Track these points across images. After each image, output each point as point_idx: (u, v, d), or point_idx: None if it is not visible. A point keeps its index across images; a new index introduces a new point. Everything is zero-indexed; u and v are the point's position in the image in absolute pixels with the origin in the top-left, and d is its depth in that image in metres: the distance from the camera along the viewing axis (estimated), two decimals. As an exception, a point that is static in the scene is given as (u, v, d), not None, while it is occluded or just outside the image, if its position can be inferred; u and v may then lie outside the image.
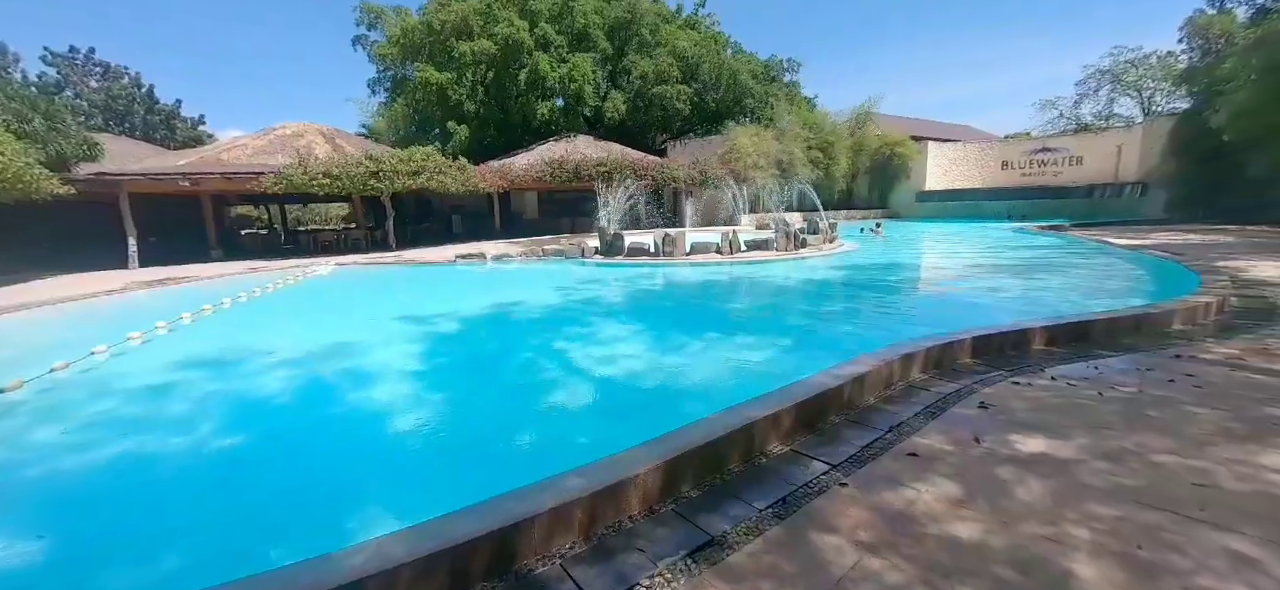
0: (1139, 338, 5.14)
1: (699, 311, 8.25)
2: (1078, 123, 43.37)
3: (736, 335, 6.27)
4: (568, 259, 14.01)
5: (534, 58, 29.96)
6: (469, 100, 32.23)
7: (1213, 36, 23.77)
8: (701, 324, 7.23)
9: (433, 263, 14.94)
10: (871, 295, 9.08)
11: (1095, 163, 27.96)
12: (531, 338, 6.79)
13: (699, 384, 4.85)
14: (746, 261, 12.40)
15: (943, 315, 7.32)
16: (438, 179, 19.56)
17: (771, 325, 6.99)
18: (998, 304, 7.64)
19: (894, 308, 7.95)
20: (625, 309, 8.43)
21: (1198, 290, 6.36)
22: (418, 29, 32.57)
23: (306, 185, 17.13)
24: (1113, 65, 41.40)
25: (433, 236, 25.05)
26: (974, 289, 9.05)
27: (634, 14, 33.84)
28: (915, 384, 4.07)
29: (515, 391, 4.99)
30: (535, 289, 10.94)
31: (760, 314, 7.80)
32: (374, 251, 19.15)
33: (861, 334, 6.50)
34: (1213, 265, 9.31)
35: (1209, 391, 3.68)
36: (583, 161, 23.53)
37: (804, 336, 6.41)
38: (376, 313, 8.87)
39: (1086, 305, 7.19)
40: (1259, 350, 4.61)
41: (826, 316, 7.41)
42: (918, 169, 31.73)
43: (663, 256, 12.75)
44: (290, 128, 24.71)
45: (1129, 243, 13.92)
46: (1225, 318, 5.85)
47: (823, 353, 5.65)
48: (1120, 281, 9.30)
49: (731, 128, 28.23)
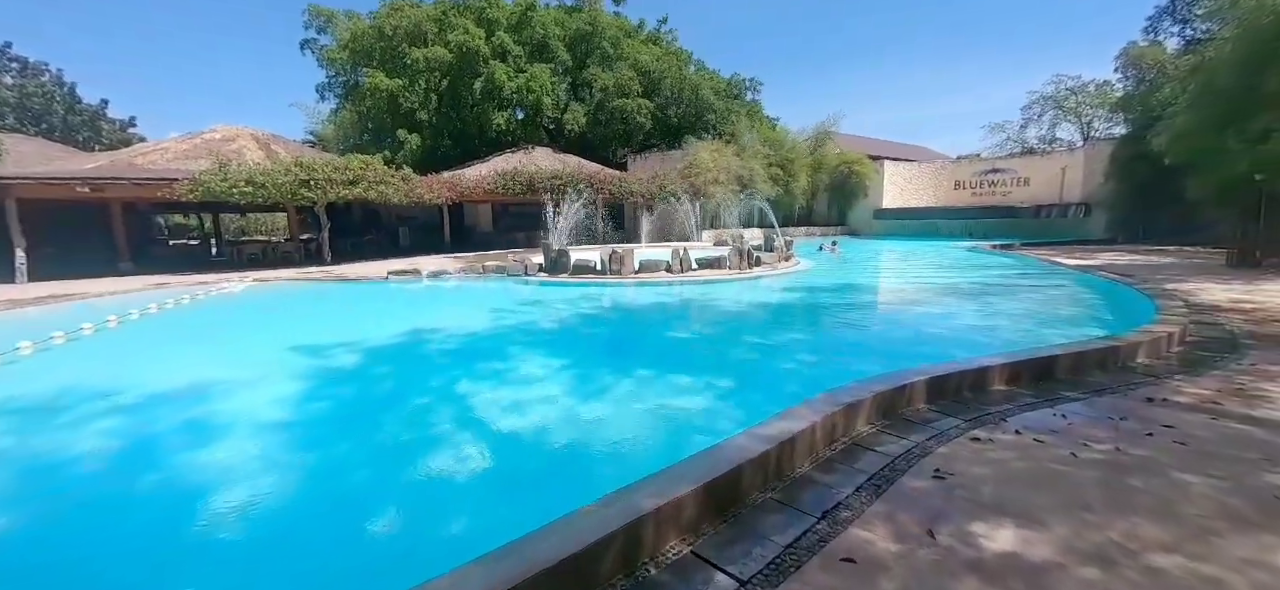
0: (1105, 375, 4.64)
1: (636, 343, 7.49)
2: (1023, 146, 45.31)
3: (672, 374, 5.52)
4: (509, 277, 13.08)
5: (490, 67, 29.03)
6: (422, 108, 30.99)
7: (1145, 66, 24.88)
8: (636, 359, 6.47)
9: (364, 279, 13.76)
10: (823, 321, 8.53)
11: (1041, 184, 28.83)
12: (435, 377, 5.87)
13: (616, 443, 4.06)
14: (697, 281, 11.76)
15: (896, 344, 6.79)
16: (377, 189, 18.33)
17: (712, 361, 6.27)
18: (953, 333, 7.16)
19: (845, 336, 7.38)
20: (555, 340, 7.59)
21: (1157, 319, 5.99)
22: (368, 33, 31.20)
23: (226, 193, 15.66)
24: (1055, 92, 43.56)
25: (377, 249, 23.61)
26: (929, 314, 8.60)
27: (595, 27, 33.38)
28: (860, 440, 3.38)
29: (385, 457, 4.08)
30: (464, 312, 9.99)
31: (701, 347, 7.05)
32: (308, 265, 17.72)
33: (808, 370, 5.86)
34: (1163, 288, 9.16)
35: (1195, 451, 3.12)
36: (537, 173, 22.66)
37: (746, 375, 5.71)
38: (265, 340, 7.79)
39: (1045, 335, 6.77)
40: (1233, 391, 4.14)
41: (773, 348, 6.74)
42: (875, 187, 32.12)
43: (609, 275, 11.98)
44: (221, 131, 23.01)
45: (1078, 263, 13.96)
46: (1187, 349, 5.45)
47: (762, 396, 4.97)
48: (1076, 307, 9.03)
49: (692, 142, 27.87)
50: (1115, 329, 7.20)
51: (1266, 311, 7.34)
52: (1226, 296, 8.52)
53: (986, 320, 7.92)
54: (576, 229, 23.25)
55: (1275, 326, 6.41)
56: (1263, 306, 7.68)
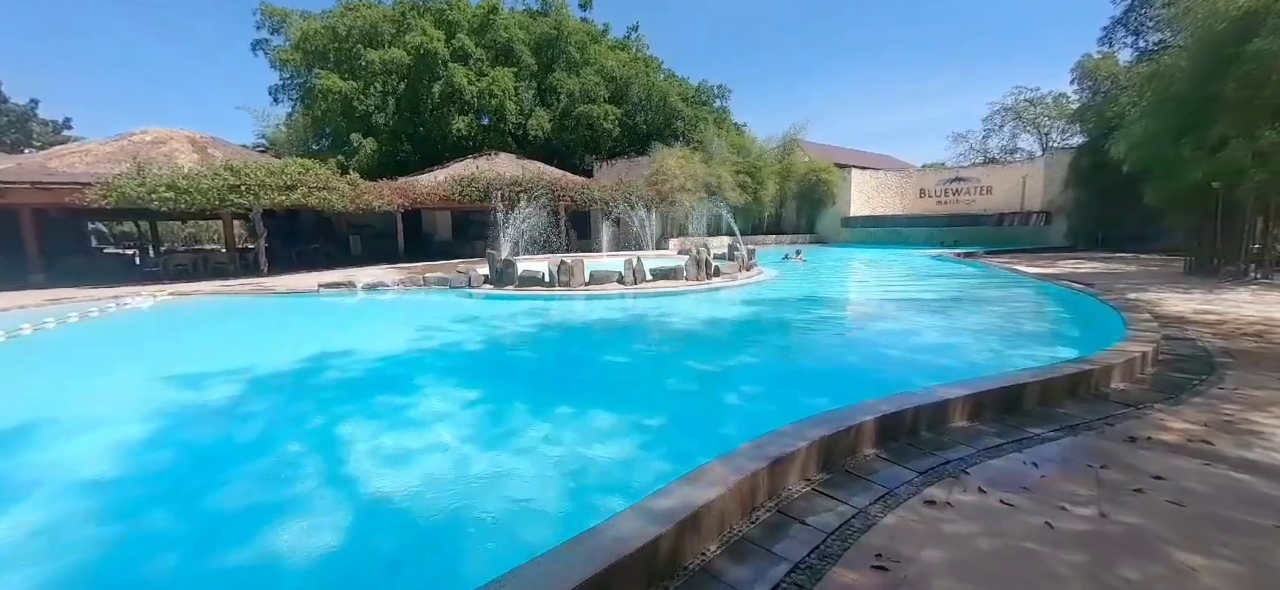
0: (1077, 403, 4.07)
1: (566, 369, 6.66)
2: (986, 155, 46.31)
3: (596, 410, 4.75)
4: (452, 288, 12.16)
5: (450, 70, 28.05)
6: (378, 112, 29.79)
7: (1100, 78, 25.41)
8: (560, 390, 5.67)
9: (293, 292, 12.65)
10: (777, 339, 7.87)
11: (1003, 192, 29.17)
12: (317, 415, 4.99)
13: (506, 510, 3.27)
14: (652, 293, 11.05)
15: (852, 368, 6.18)
16: (319, 195, 17.18)
17: (645, 393, 5.50)
18: (913, 353, 6.57)
19: (799, 359, 6.74)
20: (477, 365, 6.74)
21: (1127, 337, 5.51)
22: (321, 34, 29.87)
23: (145, 199, 14.35)
24: (1015, 103, 44.72)
25: (325, 259, 22.29)
26: (889, 331, 8.02)
27: (561, 31, 32.71)
28: (790, 505, 2.69)
29: (201, 529, 3.22)
30: (388, 330, 9.07)
31: (637, 375, 6.23)
32: (243, 276, 16.42)
33: (751, 404, 5.16)
34: (1126, 298, 8.84)
35: (1195, 515, 2.51)
36: (496, 180, 21.75)
37: (681, 412, 4.96)
38: (134, 369, 6.80)
39: (1010, 357, 6.23)
40: (1222, 425, 3.59)
41: (717, 376, 6.00)
42: (842, 195, 32.09)
43: (558, 287, 11.19)
44: (152, 133, 21.46)
45: (1040, 271, 13.76)
46: (1162, 370, 4.96)
47: (695, 440, 4.27)
48: (1041, 321, 8.59)
49: (658, 149, 27.31)
50: (1083, 345, 6.76)
51: (1232, 323, 7.00)
52: (1190, 307, 8.22)
53: (949, 337, 7.38)
54: (538, 237, 22.45)
55: (1246, 341, 6.02)
56: (1227, 317, 7.36)
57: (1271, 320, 7.09)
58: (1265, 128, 9.94)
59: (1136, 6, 19.82)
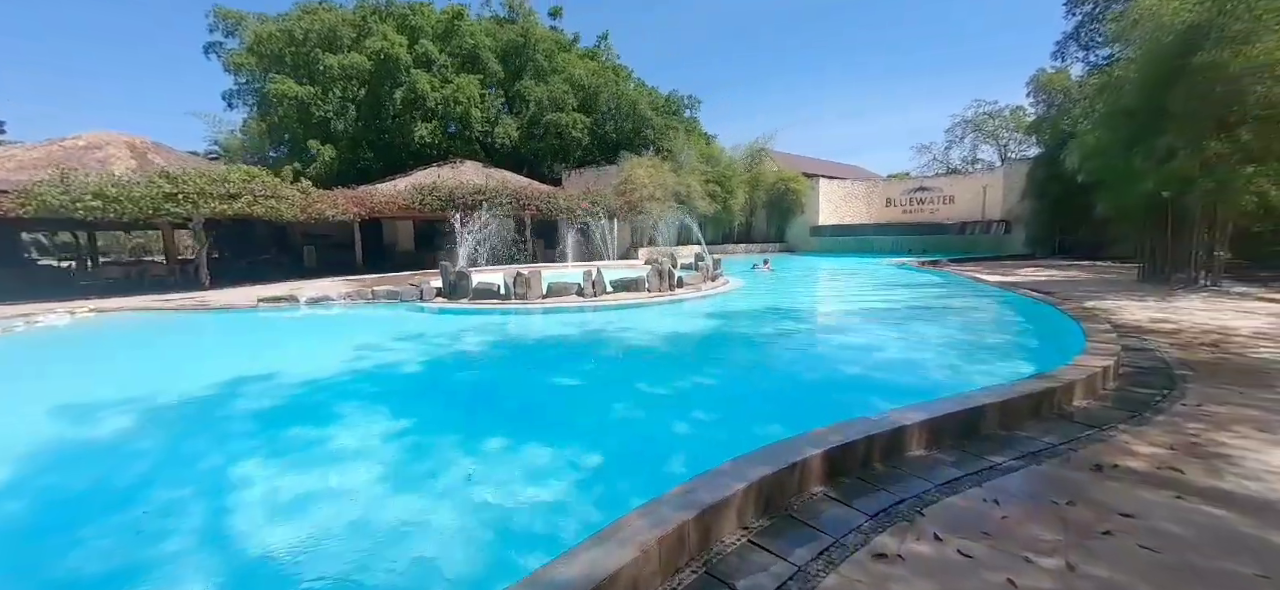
0: (1040, 425, 3.82)
1: (506, 394, 6.05)
2: (948, 166, 47.54)
3: (531, 445, 4.28)
4: (402, 302, 11.54)
5: (412, 76, 27.26)
6: (337, 119, 28.75)
7: (1053, 92, 26.26)
8: (496, 420, 5.14)
9: (230, 307, 11.82)
10: (735, 356, 7.50)
11: (965, 202, 29.82)
12: (213, 454, 4.40)
13: (409, 576, 2.81)
14: (611, 305, 10.64)
15: (809, 387, 5.85)
16: (265, 204, 16.29)
17: (588, 423, 4.98)
18: (873, 370, 6.30)
19: (755, 378, 6.36)
20: (409, 391, 6.18)
21: (1088, 350, 5.35)
22: (277, 37, 28.75)
23: (69, 208, 13.31)
24: (974, 116, 46.07)
25: (278, 271, 21.23)
26: (849, 345, 7.75)
27: (528, 39, 32.27)
28: (720, 563, 2.31)
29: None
30: (322, 349, 8.43)
31: (582, 401, 5.64)
32: (183, 289, 15.36)
33: (703, 431, 4.75)
34: (1084, 306, 8.83)
35: (1172, 562, 2.23)
36: (458, 188, 21.10)
37: (623, 445, 4.44)
38: (14, 399, 6.04)
39: (969, 371, 6.02)
40: (1189, 447, 3.37)
41: (668, 401, 5.52)
42: (810, 205, 32.36)
43: (514, 300, 10.69)
44: (86, 138, 20.18)
45: (999, 280, 13.87)
46: (1123, 384, 4.79)
47: (631, 480, 3.87)
48: (1001, 332, 8.47)
49: (626, 158, 27.04)
50: (1043, 357, 6.62)
51: (1188, 332, 6.98)
52: (1146, 316, 8.24)
53: (909, 351, 7.15)
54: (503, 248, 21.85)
55: (1202, 351, 5.94)
56: (1182, 326, 7.35)
57: (1225, 329, 7.09)
58: (1211, 138, 10.16)
59: (1087, 23, 20.48)
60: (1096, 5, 19.34)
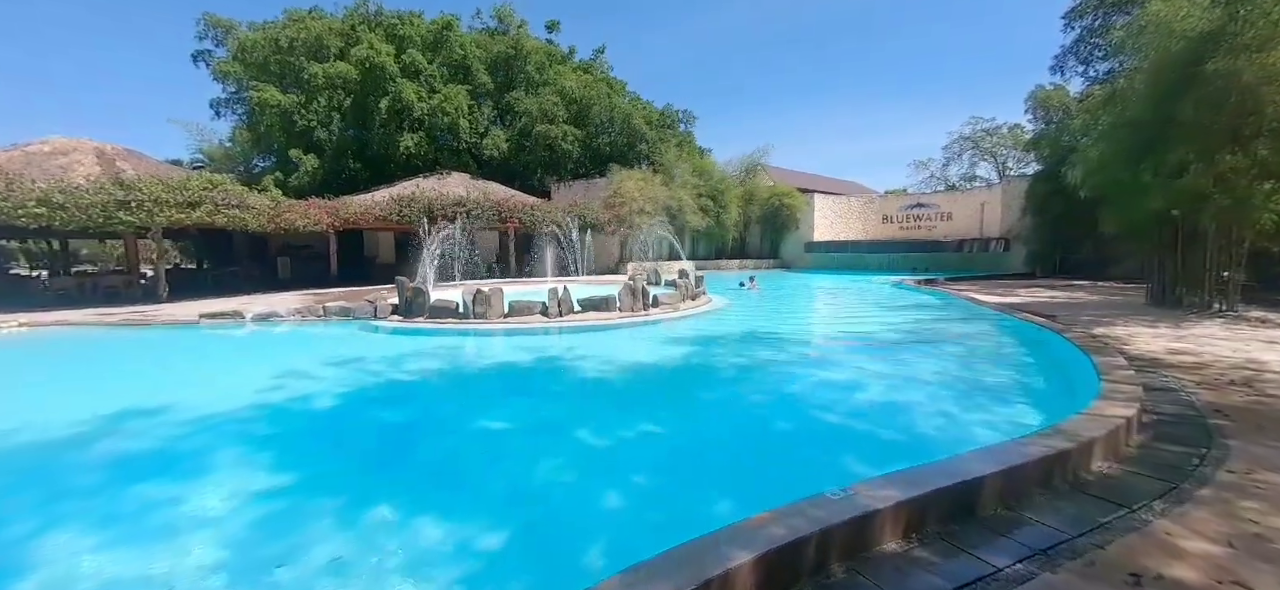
0: (1051, 502, 2.99)
1: (426, 442, 4.94)
2: (946, 182, 46.99)
3: (422, 522, 3.39)
4: (354, 319, 10.72)
5: (398, 85, 26.68)
6: (322, 128, 28.14)
7: (1052, 108, 25.70)
8: (403, 479, 4.16)
9: (173, 323, 11.01)
10: (696, 397, 6.46)
11: (963, 219, 29.13)
12: (38, 512, 3.59)
13: None
14: (577, 326, 9.81)
15: (773, 441, 4.85)
16: (228, 214, 15.54)
17: (511, 485, 4.02)
18: (849, 418, 5.28)
19: (714, 425, 5.24)
20: (317, 433, 5.21)
21: (1104, 392, 4.52)
22: (261, 45, 28.25)
23: (9, 216, 12.55)
24: (972, 133, 45.61)
25: (249, 283, 20.42)
26: (826, 385, 6.64)
27: (519, 50, 31.81)
28: None
29: None
30: (242, 376, 7.56)
31: (513, 451, 4.76)
32: (139, 303, 14.51)
33: (638, 504, 3.77)
34: (1092, 334, 8.02)
35: None
36: (437, 199, 20.39)
37: (539, 521, 3.54)
38: None
39: (964, 420, 5.12)
40: (1253, 542, 2.54)
41: (608, 454, 4.48)
42: (805, 220, 31.66)
43: (473, 319, 9.86)
44: (51, 144, 19.42)
45: (999, 301, 13.07)
46: (1150, 438, 3.95)
47: (537, 574, 3.02)
48: (1001, 366, 7.51)
49: (615, 171, 26.40)
50: (1050, 400, 5.79)
51: (1213, 367, 6.16)
52: (1162, 345, 7.41)
53: (895, 391, 6.20)
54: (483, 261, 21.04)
55: (1235, 393, 5.11)
56: (1205, 359, 6.53)
57: (1255, 363, 6.26)
58: (1225, 152, 9.42)
59: (1086, 37, 19.90)
60: (1096, 18, 18.75)
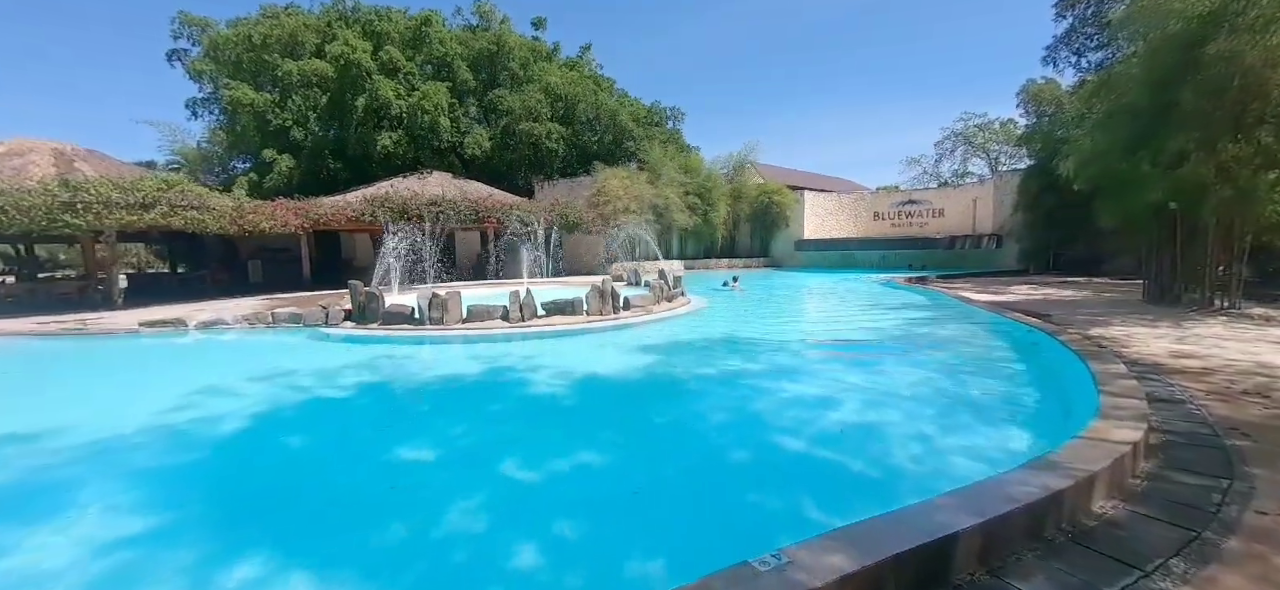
0: (1043, 562, 2.37)
1: (330, 482, 4.23)
2: (938, 179, 46.53)
3: (281, 581, 2.83)
4: (305, 326, 10.04)
5: (375, 83, 25.93)
6: (298, 127, 27.36)
7: (1044, 102, 25.22)
8: (272, 537, 3.59)
9: (113, 332, 10.31)
10: (650, 419, 5.69)
11: (955, 215, 28.65)
12: None
13: None
14: (541, 331, 9.16)
15: (725, 475, 4.05)
16: (185, 215, 14.82)
17: (393, 540, 3.25)
18: (814, 445, 4.40)
19: (664, 460, 4.46)
20: (204, 469, 4.54)
21: (1104, 409, 3.91)
22: (234, 42, 27.44)
23: (-57, 219, 11.81)
24: (964, 129, 45.16)
25: (219, 288, 19.69)
26: (796, 401, 5.78)
27: (501, 46, 31.08)
28: None
29: None
30: (156, 393, 6.80)
31: (414, 500, 3.85)
32: (87, 310, 13.76)
33: (535, 579, 3.13)
34: (1089, 337, 7.45)
35: None
36: (412, 199, 19.70)
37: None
38: None
39: (944, 446, 4.37)
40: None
41: (528, 502, 3.71)
42: (796, 218, 31.09)
43: (429, 325, 9.21)
44: (8, 145, 18.70)
45: (990, 299, 12.52)
46: (1160, 468, 3.35)
47: None
48: (988, 377, 6.67)
49: (599, 169, 25.76)
50: (1042, 417, 5.18)
51: (1221, 372, 5.58)
52: (1164, 347, 6.84)
53: (868, 411, 5.39)
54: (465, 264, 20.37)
55: (1250, 405, 4.53)
56: (1211, 363, 5.96)
57: (1268, 368, 5.69)
58: (1227, 140, 8.87)
59: (1078, 26, 19.39)
60: (1088, 5, 18.24)
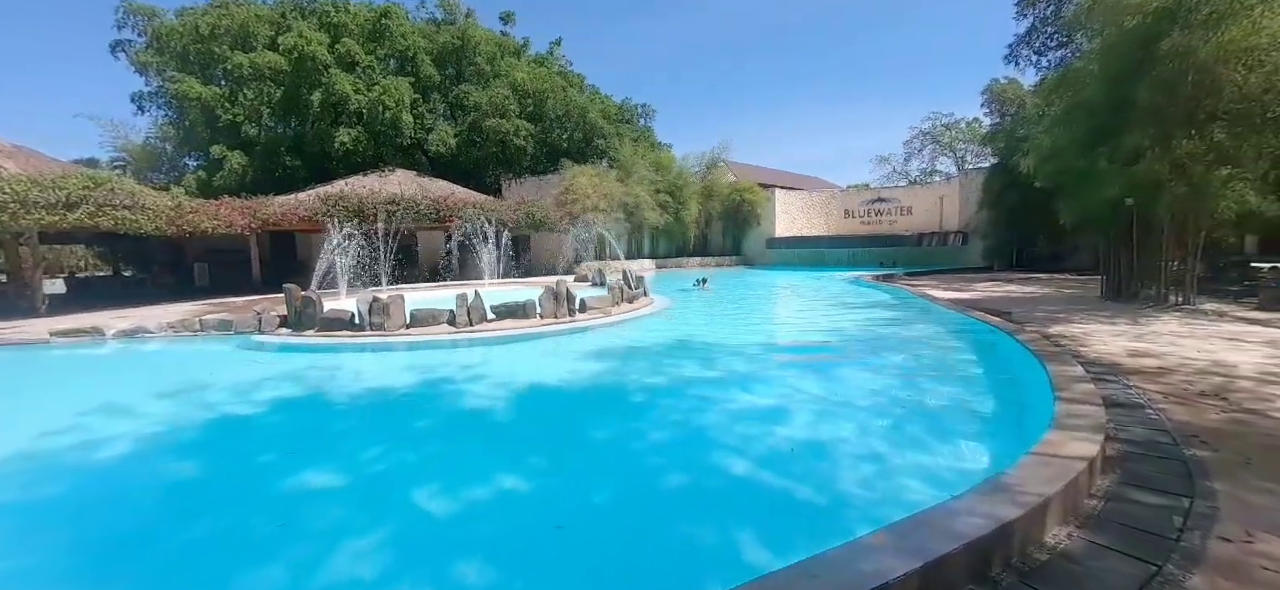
0: (987, 612, 2.04)
1: (206, 521, 3.40)
2: (908, 178, 47.21)
3: None
4: (236, 334, 9.35)
5: (331, 76, 24.90)
6: (250, 123, 26.14)
7: (1007, 102, 25.62)
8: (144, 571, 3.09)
9: (24, 342, 9.44)
10: (584, 439, 5.04)
11: (922, 213, 28.94)
12: None
13: None
14: (489, 337, 8.65)
15: (658, 504, 3.63)
16: (117, 214, 13.84)
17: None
18: (758, 466, 3.81)
19: (591, 490, 3.65)
20: (73, 504, 3.92)
21: (1059, 418, 3.65)
22: (179, 33, 26.06)
23: None
24: (932, 128, 45.93)
25: (163, 291, 18.56)
26: (746, 415, 5.28)
27: (466, 41, 30.26)
28: None
29: None
30: (47, 412, 6.11)
31: (294, 538, 3.33)
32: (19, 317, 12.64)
33: None
34: (1047, 335, 7.32)
35: None
36: (369, 197, 18.90)
37: None
38: None
39: (893, 466, 3.93)
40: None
41: (423, 547, 3.21)
42: (767, 216, 31.03)
43: (370, 331, 8.62)
44: (-79, 142, 17.29)
45: (954, 297, 12.46)
46: (1118, 483, 3.08)
47: None
48: (943, 383, 6.04)
49: (567, 166, 25.23)
50: (997, 426, 4.93)
51: (1178, 373, 5.44)
52: (1122, 346, 6.72)
53: (821, 424, 4.93)
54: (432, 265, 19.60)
55: (1209, 408, 4.35)
56: (1169, 364, 5.82)
57: (1222, 367, 5.56)
58: (1182, 136, 8.87)
59: (1038, 25, 19.63)
60: (1048, 4, 18.45)
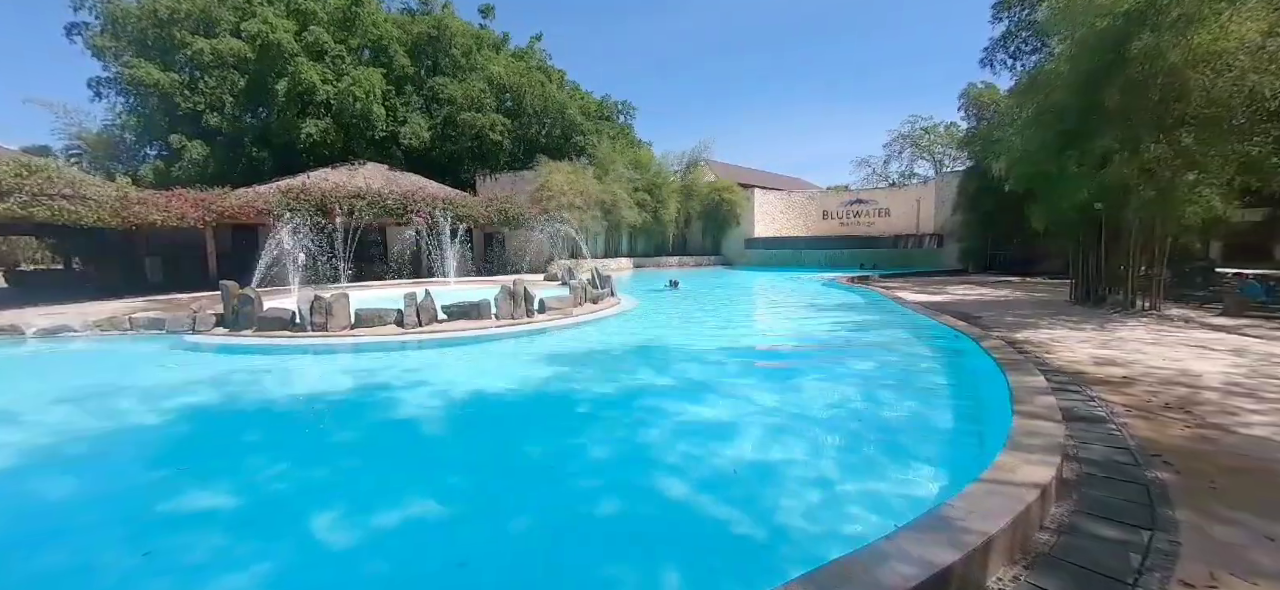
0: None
1: (89, 542, 3.21)
2: (888, 180, 47.51)
3: None
4: (168, 332, 8.76)
5: (297, 65, 24.02)
6: (212, 112, 25.13)
7: (983, 106, 25.77)
8: None
9: (-68, 343, 8.72)
10: (518, 458, 4.57)
11: (900, 215, 29.04)
12: None
13: None
14: (440, 339, 8.19)
15: (589, 531, 3.25)
16: (55, 205, 13.04)
17: None
18: (698, 494, 3.52)
19: (507, 522, 3.12)
20: None
21: (1014, 435, 3.37)
22: (137, 16, 24.94)
23: None
24: (911, 131, 46.25)
25: (109, 287, 17.64)
26: (694, 430, 4.87)
27: (442, 31, 29.49)
28: None
29: None
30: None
31: (189, 563, 3.01)
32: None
33: None
34: (1013, 342, 7.12)
35: None
36: (332, 191, 18.22)
37: None
38: None
39: (841, 493, 3.55)
40: None
41: (327, 576, 2.91)
42: (747, 216, 30.88)
43: (311, 332, 8.11)
44: None
45: (924, 300, 12.32)
46: (1073, 514, 2.79)
47: None
48: (903, 396, 5.65)
49: (542, 162, 24.74)
50: (954, 445, 4.67)
51: (1143, 382, 5.25)
52: (1087, 353, 6.55)
53: (773, 442, 4.53)
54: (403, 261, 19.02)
55: (1173, 422, 4.13)
56: (1134, 373, 5.64)
57: (1189, 377, 5.39)
58: (1150, 141, 8.77)
59: (1013, 29, 19.71)
60: (1023, 8, 18.51)
